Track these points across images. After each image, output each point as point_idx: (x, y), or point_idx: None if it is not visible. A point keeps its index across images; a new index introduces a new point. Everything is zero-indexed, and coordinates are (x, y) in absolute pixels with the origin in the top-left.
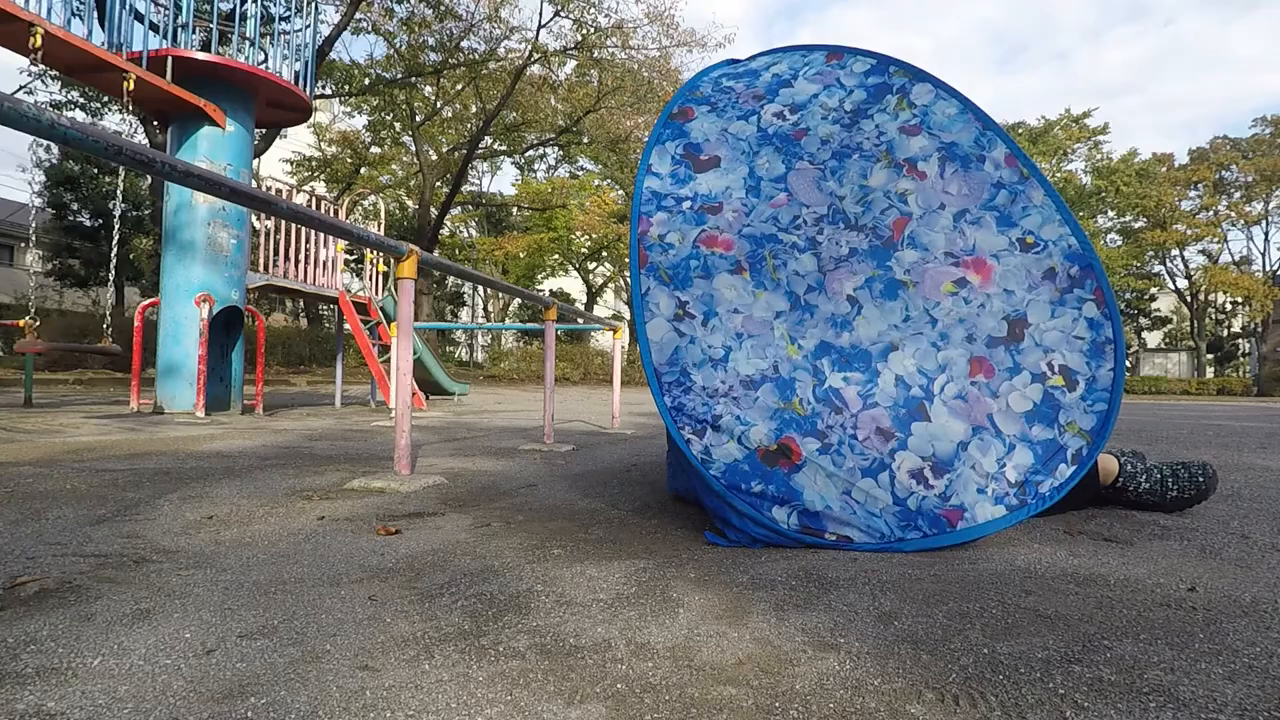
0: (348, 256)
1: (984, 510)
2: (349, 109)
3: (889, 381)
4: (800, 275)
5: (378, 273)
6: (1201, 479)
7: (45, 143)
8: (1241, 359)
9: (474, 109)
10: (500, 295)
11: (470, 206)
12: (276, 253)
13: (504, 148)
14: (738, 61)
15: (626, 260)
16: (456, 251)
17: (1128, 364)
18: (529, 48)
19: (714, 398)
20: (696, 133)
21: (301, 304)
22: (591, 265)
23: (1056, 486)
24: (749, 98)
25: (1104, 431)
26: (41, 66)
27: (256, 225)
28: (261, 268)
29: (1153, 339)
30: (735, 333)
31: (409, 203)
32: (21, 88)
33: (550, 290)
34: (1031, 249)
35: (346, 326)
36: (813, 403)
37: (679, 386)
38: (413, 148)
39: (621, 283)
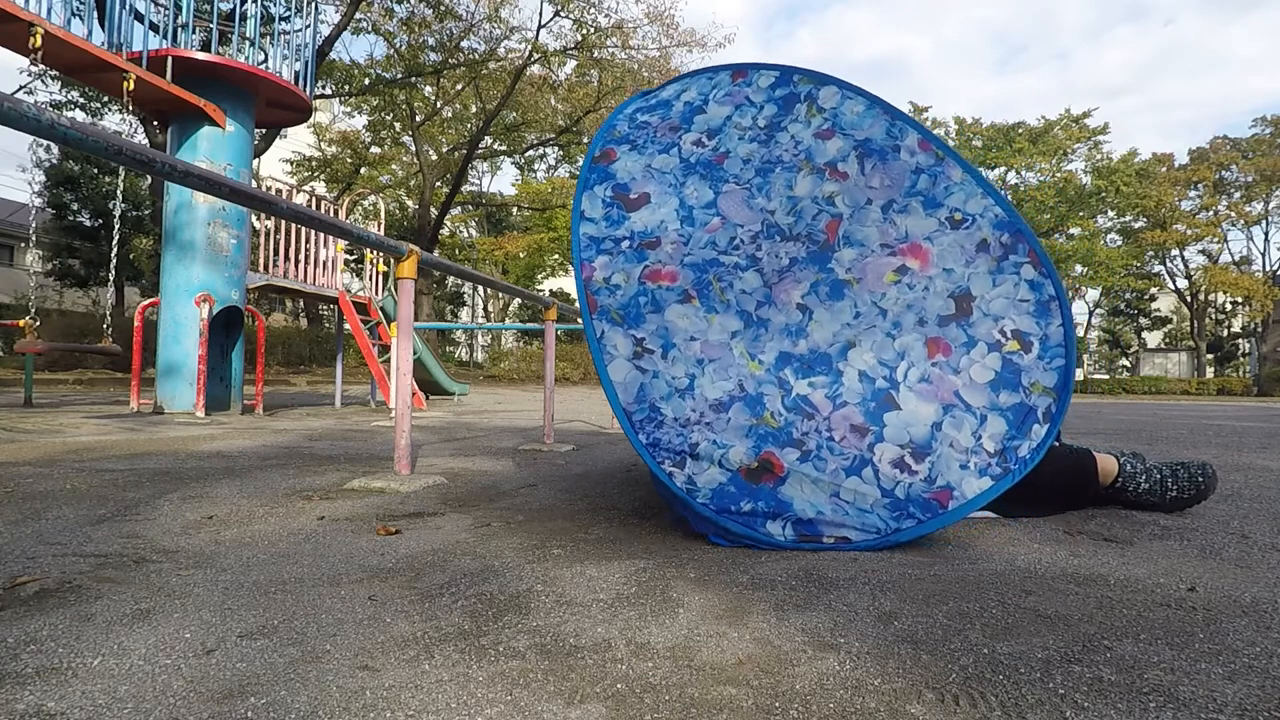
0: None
1: (970, 485)
2: (349, 109)
3: (853, 379)
4: (748, 293)
5: (378, 273)
6: (1201, 479)
7: (45, 143)
8: (1241, 359)
9: (474, 109)
10: (500, 295)
11: (470, 206)
12: (276, 253)
13: (504, 148)
14: (649, 93)
15: None
16: (456, 251)
17: (1128, 364)
18: (529, 48)
19: (687, 427)
20: (622, 173)
21: (301, 304)
22: None
23: (1034, 448)
24: (666, 130)
25: (1067, 386)
26: (41, 66)
27: (256, 225)
28: (261, 268)
29: (1153, 339)
30: (696, 360)
31: (409, 203)
32: (21, 88)
33: (550, 290)
34: (961, 225)
35: (346, 326)
36: (784, 413)
37: (651, 422)
38: (413, 148)
39: None
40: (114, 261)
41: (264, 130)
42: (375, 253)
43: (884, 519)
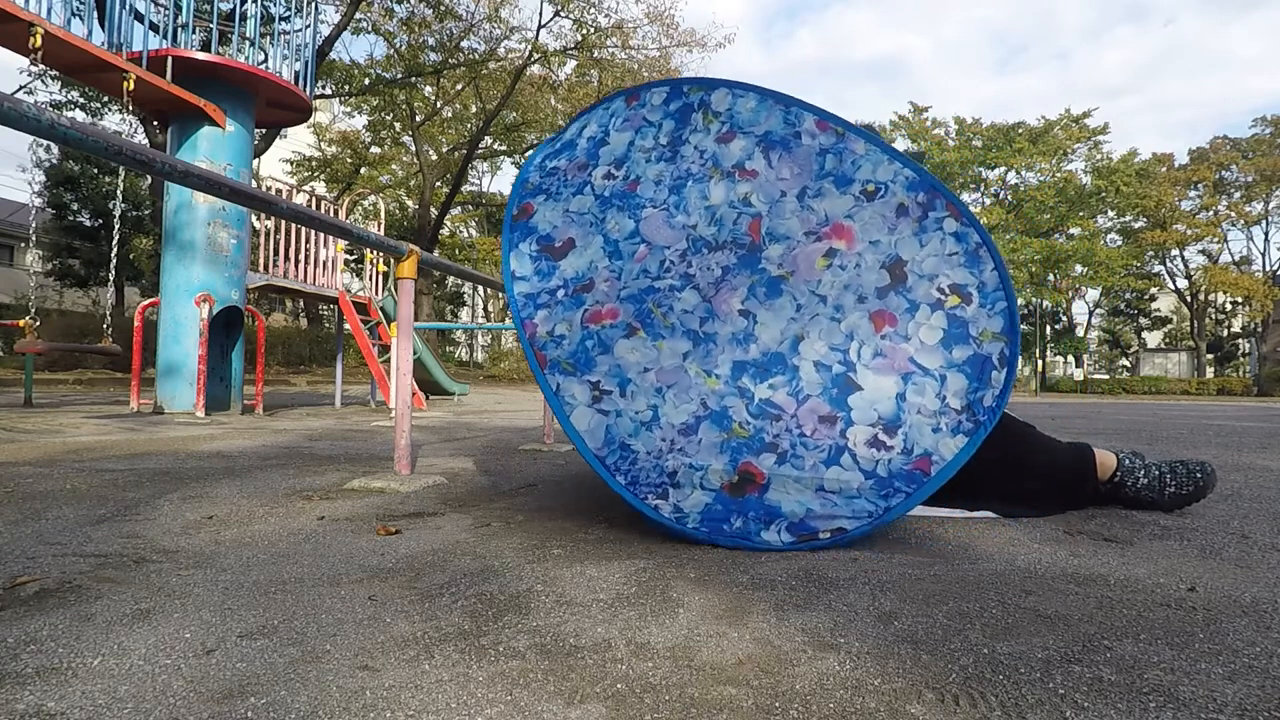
0: (348, 256)
1: (947, 446)
2: (349, 109)
3: (810, 371)
4: (689, 312)
5: (378, 273)
6: (1200, 475)
7: (45, 143)
8: (1241, 359)
9: (474, 109)
10: (500, 295)
11: (470, 206)
12: (276, 253)
13: (504, 148)
14: (555, 138)
15: None
16: (456, 251)
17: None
18: (529, 48)
19: (661, 457)
20: (543, 224)
21: (301, 304)
22: None
23: (998, 395)
24: (575, 170)
25: (1014, 327)
26: (41, 66)
27: (256, 225)
28: (261, 268)
29: (1153, 339)
30: (654, 389)
31: (409, 203)
32: (21, 88)
33: None
34: (876, 195)
35: (346, 326)
36: (752, 421)
37: (625, 461)
38: (413, 148)
39: None
40: (114, 261)
41: (264, 130)
42: (375, 253)
43: (872, 500)
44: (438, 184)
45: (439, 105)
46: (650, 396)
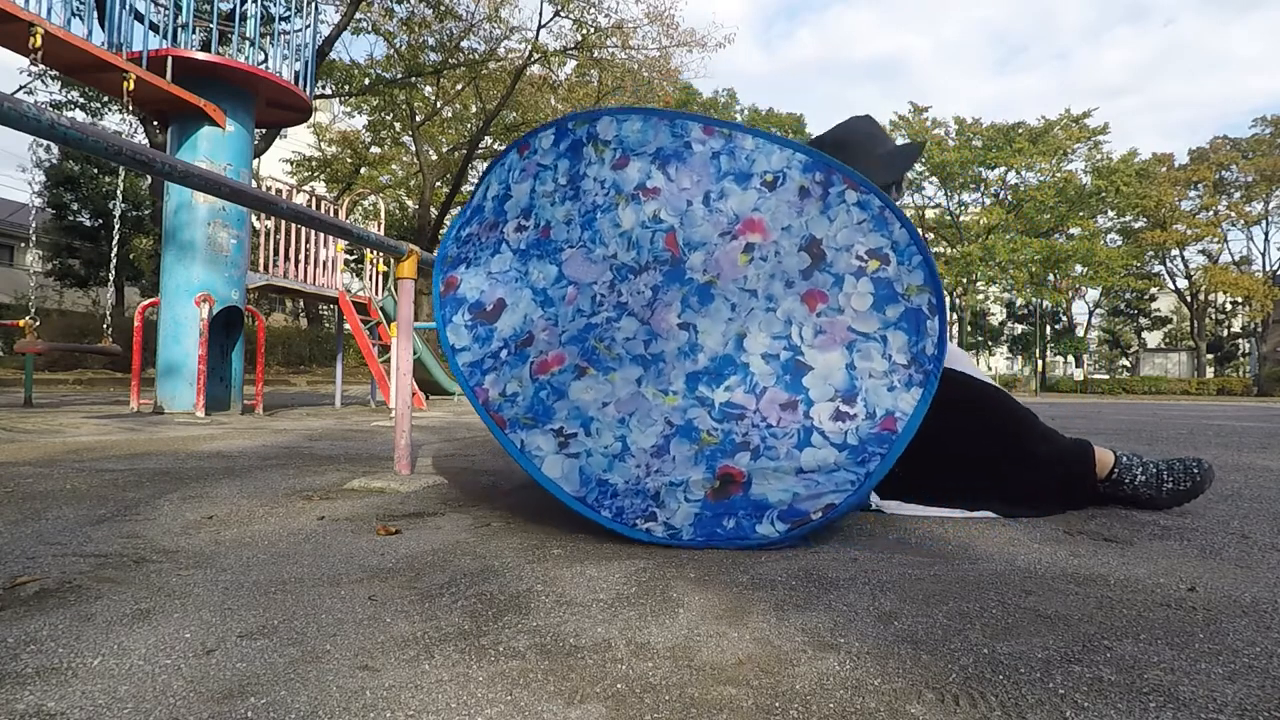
0: (348, 256)
1: (905, 401)
2: (349, 109)
3: (759, 364)
4: (631, 339)
5: (378, 273)
6: (1196, 472)
7: (45, 143)
8: (1241, 359)
9: (474, 109)
10: None
11: None
12: (276, 253)
13: (504, 148)
14: (464, 207)
15: None
16: None
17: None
18: (529, 48)
19: (640, 483)
20: (470, 292)
21: (301, 304)
22: None
23: (936, 342)
24: (487, 231)
25: (934, 277)
26: (41, 66)
27: (256, 225)
28: (261, 268)
29: (1153, 339)
30: (618, 420)
31: (409, 203)
32: (21, 88)
33: None
34: (776, 184)
35: (346, 326)
36: (718, 426)
37: (606, 496)
38: (413, 148)
39: None
40: (114, 261)
41: (264, 130)
42: (375, 253)
43: (851, 470)
44: (438, 184)
45: (439, 105)
46: (615, 429)
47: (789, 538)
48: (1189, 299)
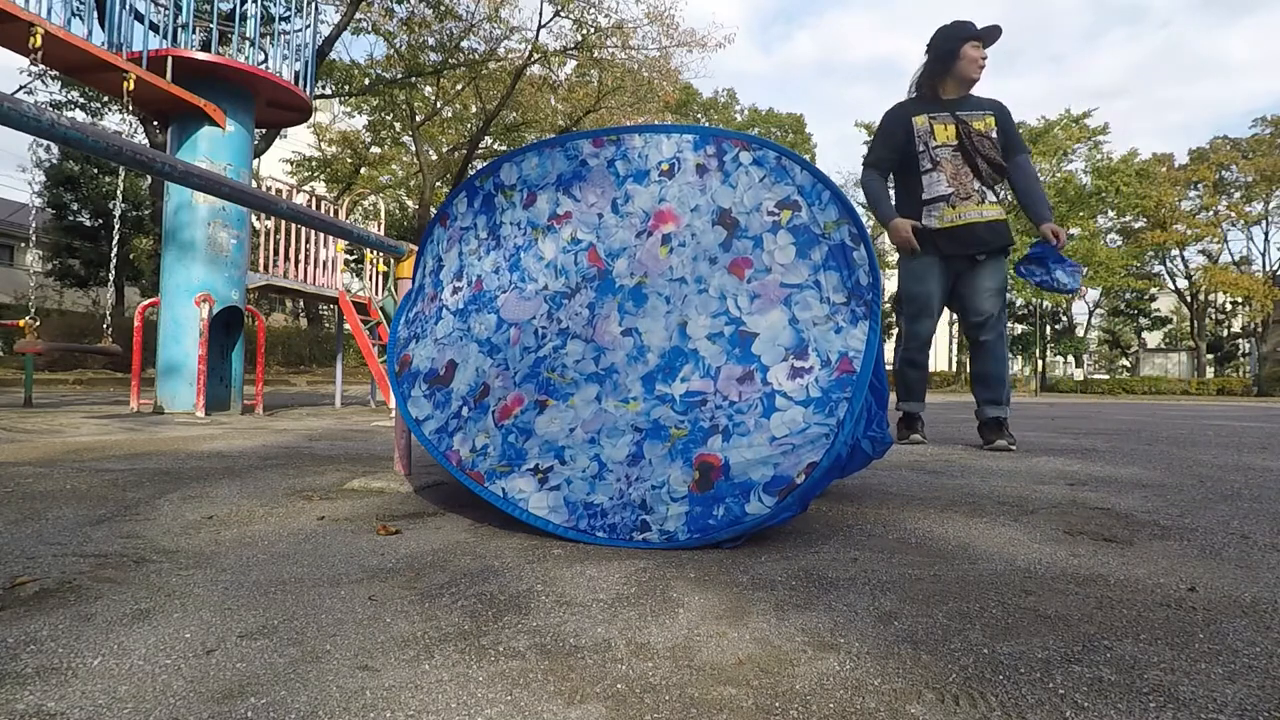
0: (347, 256)
1: (855, 338)
2: (349, 109)
3: (706, 346)
4: (581, 360)
5: (378, 273)
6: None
7: (45, 143)
8: (1241, 359)
9: (474, 109)
10: None
11: None
12: (276, 253)
13: (504, 148)
14: (408, 293)
15: None
16: None
17: (1128, 364)
18: (529, 48)
19: (625, 496)
20: (422, 364)
21: (301, 304)
22: None
23: (866, 270)
24: (428, 303)
25: (848, 208)
26: (41, 66)
27: (256, 225)
28: (261, 268)
29: (1153, 339)
30: (588, 440)
31: (409, 203)
32: (21, 88)
33: None
34: (674, 171)
35: (346, 326)
36: (684, 417)
37: (596, 518)
38: (413, 148)
39: None
40: (114, 261)
41: (264, 130)
42: (375, 253)
43: (823, 422)
44: (438, 184)
45: (439, 105)
46: (587, 450)
47: (783, 510)
48: (1189, 299)
